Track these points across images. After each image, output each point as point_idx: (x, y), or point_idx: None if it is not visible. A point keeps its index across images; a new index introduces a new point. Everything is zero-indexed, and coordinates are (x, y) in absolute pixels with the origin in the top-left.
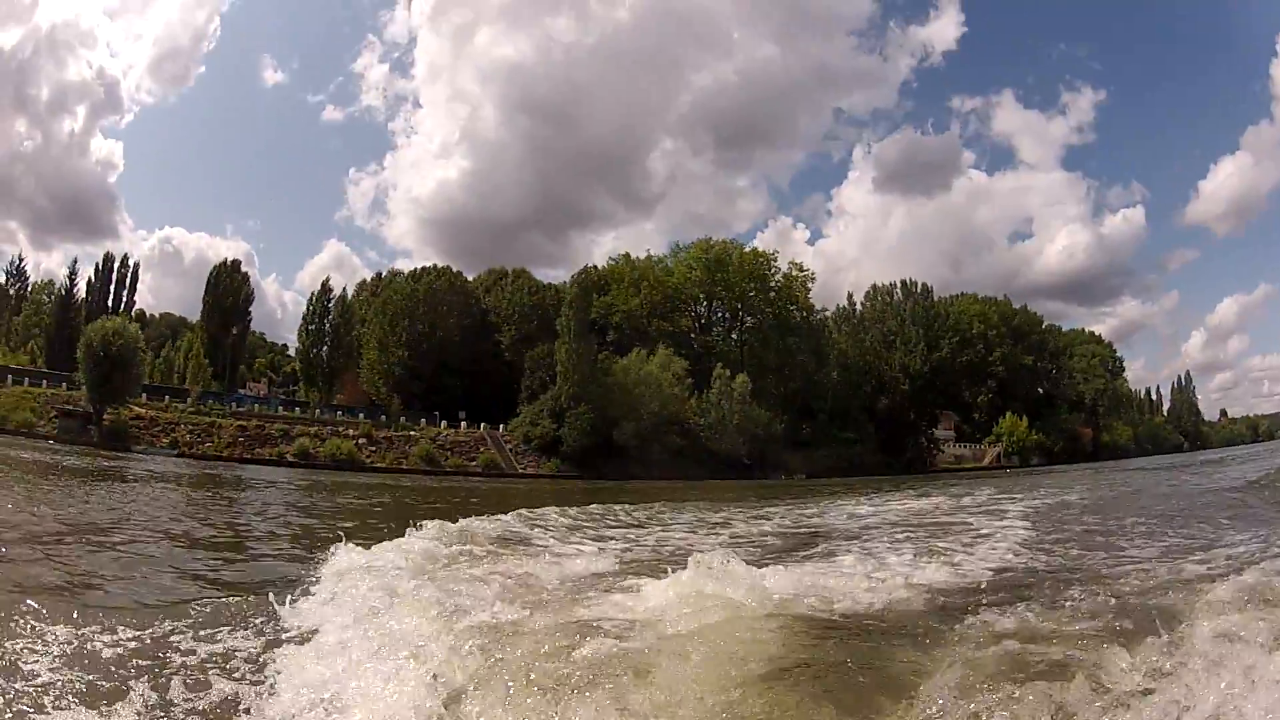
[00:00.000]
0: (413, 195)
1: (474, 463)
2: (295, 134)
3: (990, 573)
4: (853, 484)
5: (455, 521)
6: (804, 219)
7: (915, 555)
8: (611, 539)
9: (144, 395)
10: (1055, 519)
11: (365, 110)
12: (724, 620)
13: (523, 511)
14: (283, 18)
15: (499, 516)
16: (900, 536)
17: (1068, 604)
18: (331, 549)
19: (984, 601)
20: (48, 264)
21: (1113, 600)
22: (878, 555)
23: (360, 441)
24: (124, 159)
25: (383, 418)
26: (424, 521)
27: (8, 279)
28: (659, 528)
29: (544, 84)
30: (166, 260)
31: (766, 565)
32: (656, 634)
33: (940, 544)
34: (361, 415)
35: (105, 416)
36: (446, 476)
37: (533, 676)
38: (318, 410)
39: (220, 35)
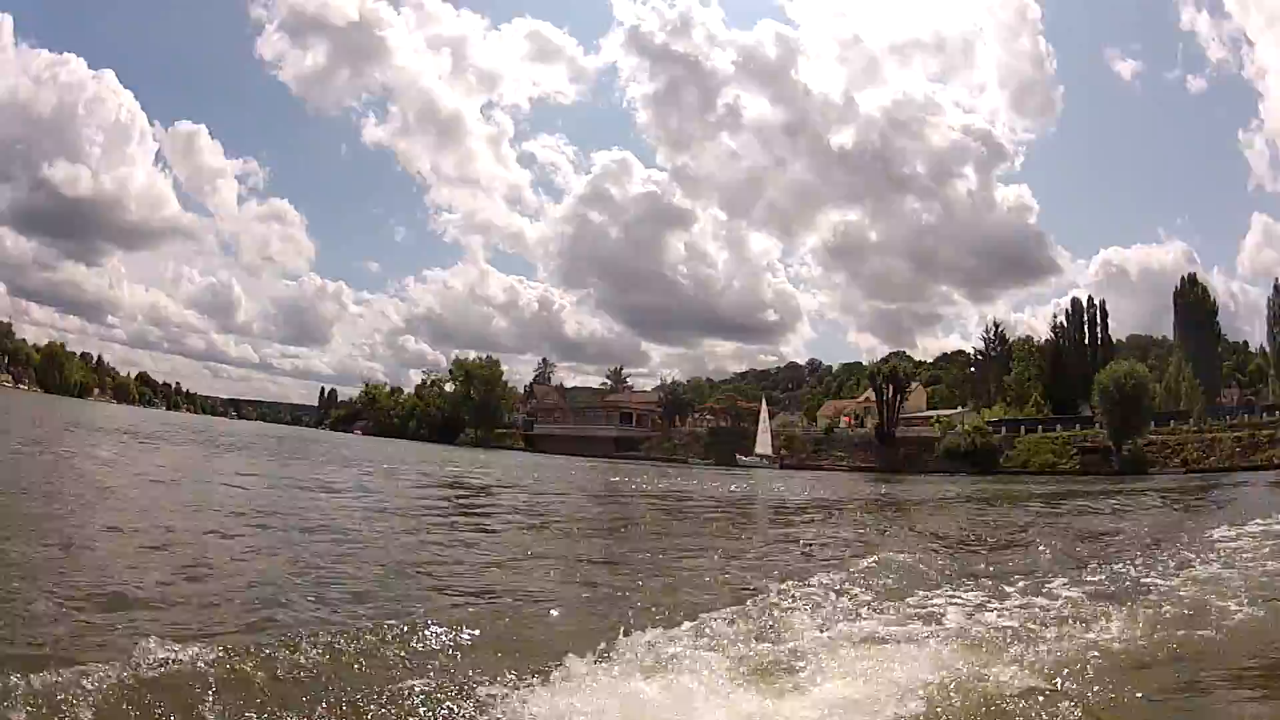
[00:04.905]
0: None
1: None
2: (1183, 116)
3: None
4: None
5: None
6: None
7: None
8: None
9: (1152, 423)
10: None
11: (1216, 67)
12: None
13: None
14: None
15: None
16: None
17: None
18: None
19: None
20: (994, 313)
21: None
22: None
23: None
24: (1034, 198)
25: None
26: None
27: (987, 344)
28: None
29: None
30: (1114, 281)
31: None
32: None
33: None
34: None
35: (1124, 447)
36: None
37: None
38: None
39: (1058, 57)
